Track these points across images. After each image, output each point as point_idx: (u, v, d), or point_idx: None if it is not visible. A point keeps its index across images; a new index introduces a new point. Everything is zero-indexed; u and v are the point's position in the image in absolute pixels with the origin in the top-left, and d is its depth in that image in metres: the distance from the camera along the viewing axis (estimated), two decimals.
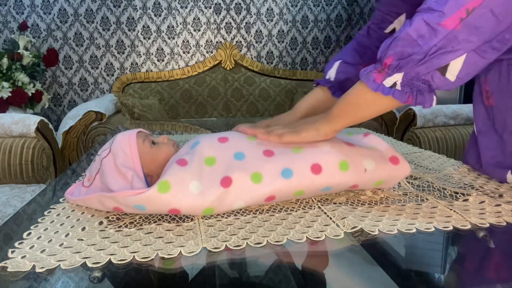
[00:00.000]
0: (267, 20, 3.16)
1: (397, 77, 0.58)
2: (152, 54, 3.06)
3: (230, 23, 3.13)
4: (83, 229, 0.56)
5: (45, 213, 0.62)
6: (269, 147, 0.66)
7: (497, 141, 0.74)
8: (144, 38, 3.03)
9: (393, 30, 0.83)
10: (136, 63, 3.05)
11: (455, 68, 0.55)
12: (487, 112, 0.75)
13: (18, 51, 2.53)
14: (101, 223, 0.58)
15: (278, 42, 3.21)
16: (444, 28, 0.53)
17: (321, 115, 0.69)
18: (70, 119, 2.14)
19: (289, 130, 0.67)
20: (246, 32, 3.15)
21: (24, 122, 1.60)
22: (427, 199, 0.65)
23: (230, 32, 3.14)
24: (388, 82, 0.59)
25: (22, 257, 0.48)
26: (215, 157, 0.63)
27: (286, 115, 0.85)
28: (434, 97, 0.60)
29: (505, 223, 0.55)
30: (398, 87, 0.58)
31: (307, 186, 0.62)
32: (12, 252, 0.49)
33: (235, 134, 0.69)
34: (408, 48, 0.55)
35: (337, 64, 0.86)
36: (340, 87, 0.85)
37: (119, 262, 0.46)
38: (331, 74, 0.86)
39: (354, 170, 0.64)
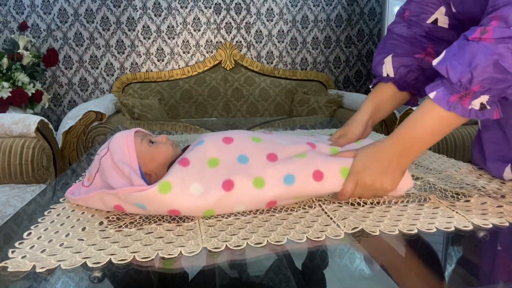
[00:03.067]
0: (267, 20, 3.16)
1: (484, 98, 0.59)
2: (152, 54, 3.06)
3: (230, 23, 3.12)
4: (83, 229, 0.56)
5: (45, 213, 0.62)
6: (272, 150, 0.65)
7: (501, 136, 0.74)
8: (144, 38, 3.03)
9: (436, 20, 0.82)
10: (136, 63, 3.05)
11: None
12: None
13: (18, 51, 2.53)
14: (101, 223, 0.58)
15: (278, 42, 3.21)
16: None
17: (393, 156, 0.64)
18: (70, 119, 2.14)
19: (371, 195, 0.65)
20: (246, 32, 3.15)
21: (24, 122, 1.60)
22: (429, 199, 0.65)
23: (230, 32, 3.14)
24: (475, 104, 0.59)
25: (23, 257, 0.48)
26: (218, 159, 0.62)
27: (354, 122, 0.83)
28: None
29: (507, 224, 0.55)
30: (488, 106, 0.59)
31: (308, 192, 0.62)
32: (12, 252, 0.49)
33: (240, 134, 0.69)
34: (499, 75, 0.56)
35: (389, 59, 0.84)
36: (405, 82, 0.85)
37: (119, 262, 0.46)
38: (389, 70, 0.85)
39: None
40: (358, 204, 0.64)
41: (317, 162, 0.64)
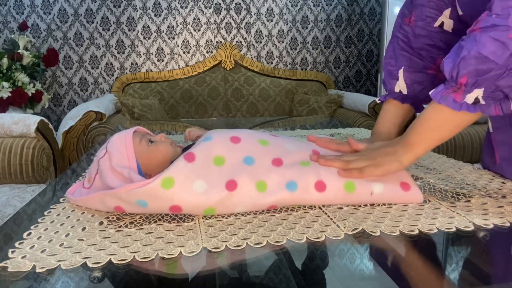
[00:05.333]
0: (267, 20, 3.16)
1: (478, 92, 0.58)
2: (152, 54, 3.06)
3: (230, 23, 3.13)
4: (83, 229, 0.56)
5: (45, 213, 0.62)
6: (278, 155, 0.65)
7: None
8: (144, 38, 3.03)
9: (442, 24, 0.82)
10: (136, 63, 3.05)
11: None
12: None
13: (18, 51, 2.53)
14: (101, 223, 0.58)
15: (278, 42, 3.21)
16: None
17: (397, 142, 0.68)
18: (70, 119, 2.14)
19: (370, 163, 0.65)
20: (246, 32, 3.15)
21: (24, 122, 1.60)
22: (429, 200, 0.65)
23: (230, 32, 3.14)
24: (469, 99, 0.58)
25: (23, 257, 0.48)
26: (224, 158, 0.62)
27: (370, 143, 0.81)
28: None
29: (508, 224, 0.55)
30: (482, 101, 0.58)
31: (309, 201, 0.62)
32: (12, 252, 0.49)
33: (248, 134, 0.68)
34: (482, 65, 0.55)
35: (401, 74, 0.85)
36: (418, 99, 0.86)
37: (119, 262, 0.46)
38: (402, 87, 0.85)
39: (359, 192, 0.62)
40: (359, 205, 0.63)
41: (321, 172, 0.63)
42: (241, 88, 3.06)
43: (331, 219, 0.58)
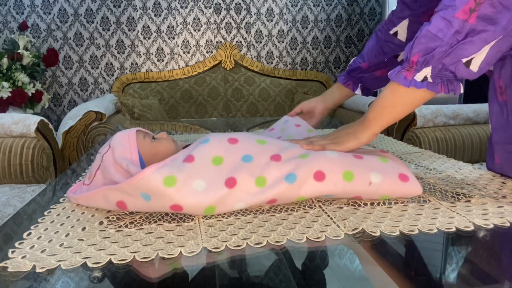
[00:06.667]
0: (267, 20, 3.16)
1: (427, 71, 0.62)
2: (152, 54, 3.06)
3: (230, 23, 3.12)
4: (83, 229, 0.56)
5: (45, 213, 0.62)
6: (277, 151, 0.66)
7: None
8: (144, 38, 3.03)
9: (395, 33, 0.94)
10: (136, 63, 3.05)
11: (478, 60, 0.60)
12: (501, 108, 0.76)
13: (18, 51, 2.53)
14: (101, 223, 0.58)
15: (278, 42, 3.21)
16: (458, 18, 0.58)
17: (357, 122, 0.73)
18: (70, 119, 2.14)
19: (331, 142, 0.72)
20: (246, 32, 3.15)
21: (24, 122, 1.60)
22: (429, 200, 0.65)
23: (230, 32, 3.13)
24: (418, 77, 0.63)
25: (22, 257, 0.48)
26: (223, 157, 0.63)
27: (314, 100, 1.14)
28: (461, 84, 0.65)
29: (508, 224, 0.55)
30: (429, 79, 0.63)
31: (309, 191, 0.62)
32: (12, 252, 0.49)
33: (245, 136, 0.69)
34: (431, 43, 0.60)
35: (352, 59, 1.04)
36: (349, 76, 1.04)
37: (119, 262, 0.46)
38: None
39: (358, 181, 0.63)
40: (359, 205, 0.64)
41: (320, 162, 0.64)
42: (241, 88, 3.06)
43: (331, 218, 0.58)
